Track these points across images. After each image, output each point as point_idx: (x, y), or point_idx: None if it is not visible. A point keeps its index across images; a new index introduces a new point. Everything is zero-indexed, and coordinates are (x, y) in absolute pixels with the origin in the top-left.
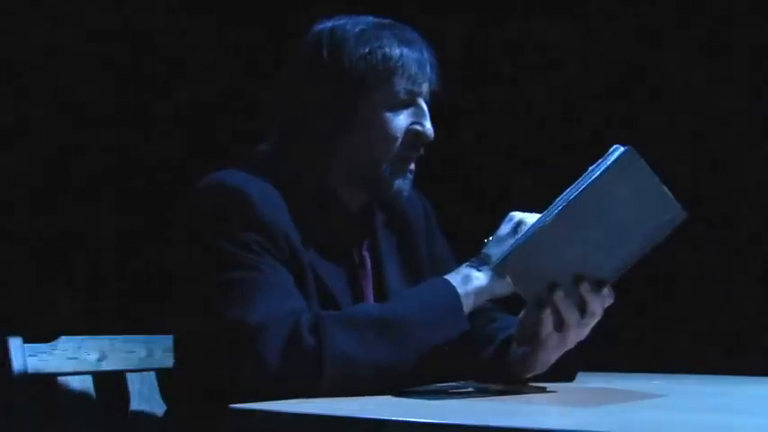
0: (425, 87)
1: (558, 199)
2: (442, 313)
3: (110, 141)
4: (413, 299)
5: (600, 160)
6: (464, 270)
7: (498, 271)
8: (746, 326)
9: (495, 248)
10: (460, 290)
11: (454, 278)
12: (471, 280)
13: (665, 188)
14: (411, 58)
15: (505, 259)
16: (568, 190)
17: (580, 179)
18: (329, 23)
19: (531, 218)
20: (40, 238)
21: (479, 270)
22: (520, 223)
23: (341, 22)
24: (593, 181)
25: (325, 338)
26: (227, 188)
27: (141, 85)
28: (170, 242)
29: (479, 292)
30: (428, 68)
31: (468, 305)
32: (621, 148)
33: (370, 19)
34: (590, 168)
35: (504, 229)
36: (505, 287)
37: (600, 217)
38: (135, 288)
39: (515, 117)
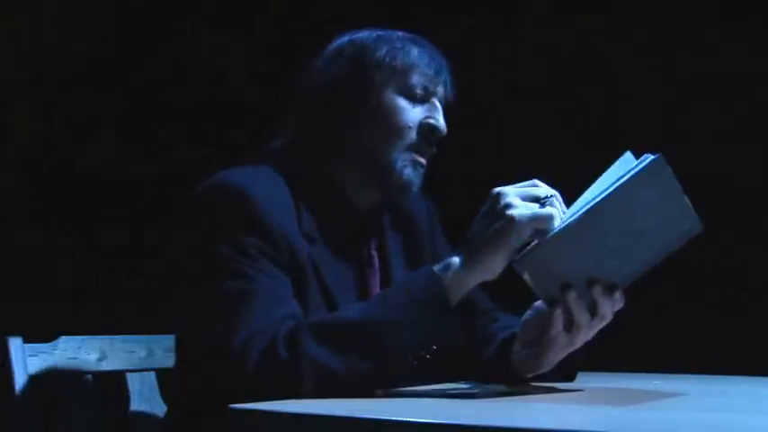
0: (440, 90)
1: (578, 202)
2: (427, 309)
3: (109, 140)
4: (396, 296)
5: (619, 165)
6: (447, 259)
7: (516, 268)
8: (747, 326)
9: (479, 228)
10: (445, 279)
11: (438, 268)
12: (452, 267)
13: (687, 199)
14: (428, 61)
15: (525, 257)
16: (588, 193)
17: (599, 182)
18: (353, 33)
19: (510, 189)
20: (40, 237)
21: (461, 256)
22: (498, 195)
23: (362, 32)
24: (620, 186)
25: (300, 349)
26: (229, 189)
27: (144, 84)
28: (171, 240)
29: (462, 278)
30: (443, 74)
31: (453, 294)
32: (651, 156)
33: (391, 31)
34: (607, 172)
35: (486, 206)
36: (488, 273)
37: (622, 222)
38: (137, 286)
39: (519, 120)
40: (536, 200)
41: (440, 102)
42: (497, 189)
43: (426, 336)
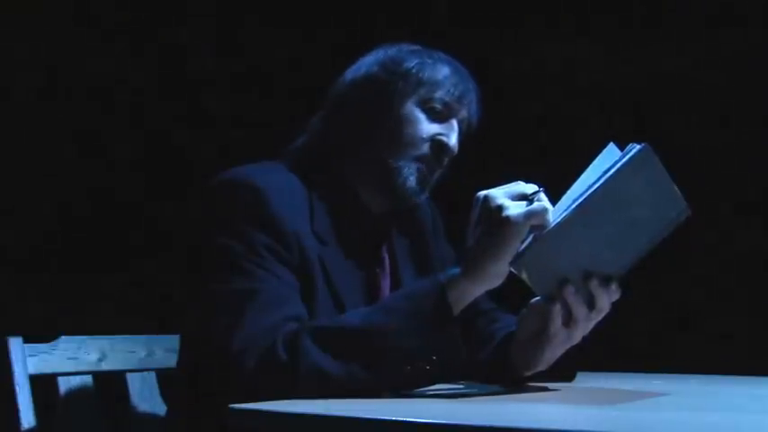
0: (463, 113)
1: (566, 196)
2: (430, 319)
3: (111, 140)
4: (399, 304)
5: (604, 157)
6: (451, 270)
7: (514, 268)
8: (746, 326)
9: (476, 236)
10: (450, 291)
11: (443, 278)
12: (456, 278)
13: (675, 185)
14: (455, 82)
15: (521, 257)
16: (576, 186)
17: (585, 175)
18: (386, 47)
19: (496, 191)
20: (40, 236)
21: (465, 267)
22: (487, 199)
23: (400, 45)
24: (609, 178)
25: (299, 353)
26: (243, 184)
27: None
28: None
29: (467, 289)
30: (469, 98)
31: (457, 305)
32: (637, 146)
33: (431, 49)
34: (592, 164)
35: (477, 212)
36: (496, 280)
37: (614, 214)
38: (138, 287)
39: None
40: (524, 197)
41: (460, 123)
42: (483, 192)
43: (428, 346)
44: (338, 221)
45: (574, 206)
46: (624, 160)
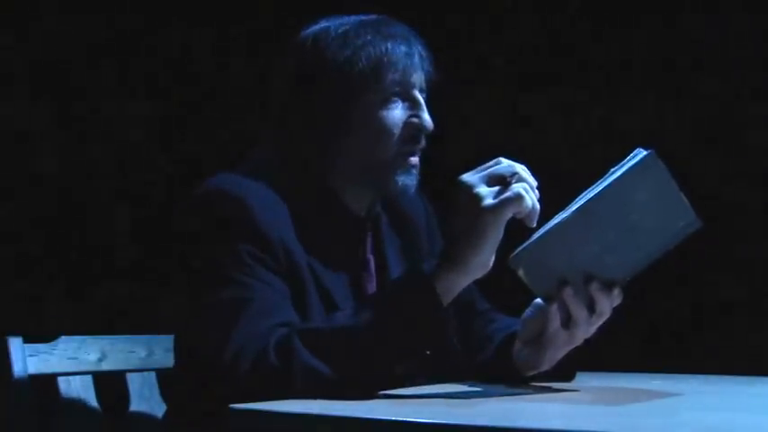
0: (417, 78)
1: (577, 199)
2: (418, 314)
3: (111, 141)
4: (386, 300)
5: (622, 163)
6: (435, 261)
7: (511, 264)
8: (747, 326)
9: (458, 226)
10: (436, 283)
11: (427, 271)
12: (441, 270)
13: (683, 195)
14: (397, 52)
15: (519, 254)
16: (588, 190)
17: (600, 180)
18: (313, 28)
19: (474, 178)
20: (41, 237)
21: (448, 258)
22: (465, 187)
23: (324, 25)
24: (612, 182)
25: (291, 356)
26: (225, 196)
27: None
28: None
29: (453, 281)
30: (417, 59)
31: (445, 297)
32: (644, 152)
33: (354, 18)
34: (611, 170)
35: (459, 200)
36: (479, 271)
37: (616, 218)
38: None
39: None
40: (502, 180)
41: (420, 90)
42: (463, 179)
43: (418, 340)
44: (320, 227)
45: (574, 208)
46: (628, 165)
